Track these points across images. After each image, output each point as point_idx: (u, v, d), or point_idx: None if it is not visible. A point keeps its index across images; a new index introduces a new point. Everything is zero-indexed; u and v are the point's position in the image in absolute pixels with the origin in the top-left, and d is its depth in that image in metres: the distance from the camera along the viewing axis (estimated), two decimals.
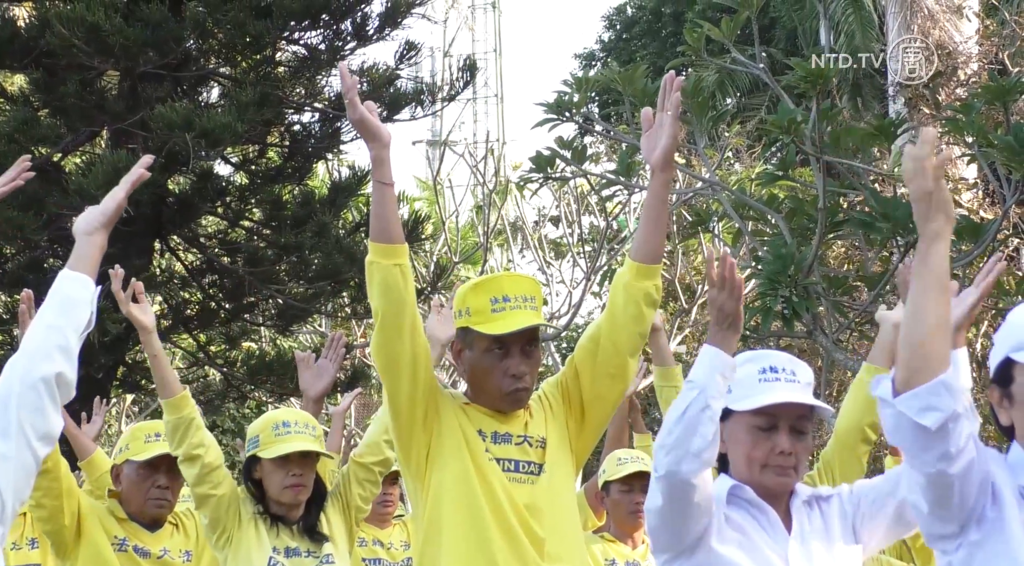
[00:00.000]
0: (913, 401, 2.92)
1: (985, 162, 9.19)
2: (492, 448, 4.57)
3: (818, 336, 9.54)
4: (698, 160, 14.98)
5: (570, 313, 19.23)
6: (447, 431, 4.54)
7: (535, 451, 4.62)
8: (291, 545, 5.43)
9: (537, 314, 4.59)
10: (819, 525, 3.84)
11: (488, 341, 4.52)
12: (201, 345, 13.74)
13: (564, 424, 4.70)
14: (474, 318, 4.55)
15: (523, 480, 4.58)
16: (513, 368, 4.53)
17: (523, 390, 4.58)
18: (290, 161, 13.08)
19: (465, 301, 4.59)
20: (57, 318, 3.42)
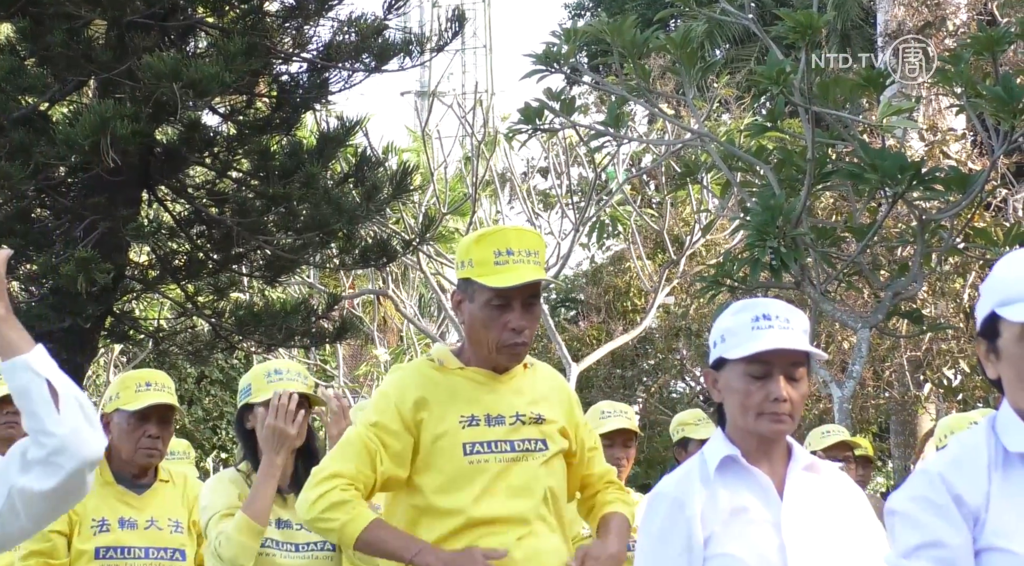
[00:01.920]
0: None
1: (974, 113, 9.19)
2: (486, 432, 4.57)
3: (806, 287, 9.56)
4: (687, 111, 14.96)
5: (558, 264, 19.23)
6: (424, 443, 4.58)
7: (529, 428, 4.63)
8: (283, 516, 5.38)
9: (540, 269, 4.57)
10: (819, 491, 3.83)
11: (489, 293, 4.51)
12: (189, 295, 13.71)
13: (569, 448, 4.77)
14: (476, 270, 4.53)
15: (519, 458, 4.60)
16: (513, 321, 4.53)
17: (521, 345, 4.58)
18: (278, 112, 13.02)
19: (469, 252, 4.57)
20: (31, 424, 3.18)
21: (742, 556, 3.67)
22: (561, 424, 4.70)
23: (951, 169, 9.85)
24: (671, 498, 3.77)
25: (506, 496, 4.55)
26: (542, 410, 4.67)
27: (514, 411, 4.61)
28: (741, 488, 3.77)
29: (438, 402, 4.58)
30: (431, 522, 4.56)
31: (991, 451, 3.08)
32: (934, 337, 15.82)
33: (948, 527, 3.00)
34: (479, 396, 4.61)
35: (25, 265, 12.30)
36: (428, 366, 4.67)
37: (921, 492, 3.06)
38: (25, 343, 3.17)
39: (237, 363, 26.38)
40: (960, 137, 14.52)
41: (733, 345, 3.77)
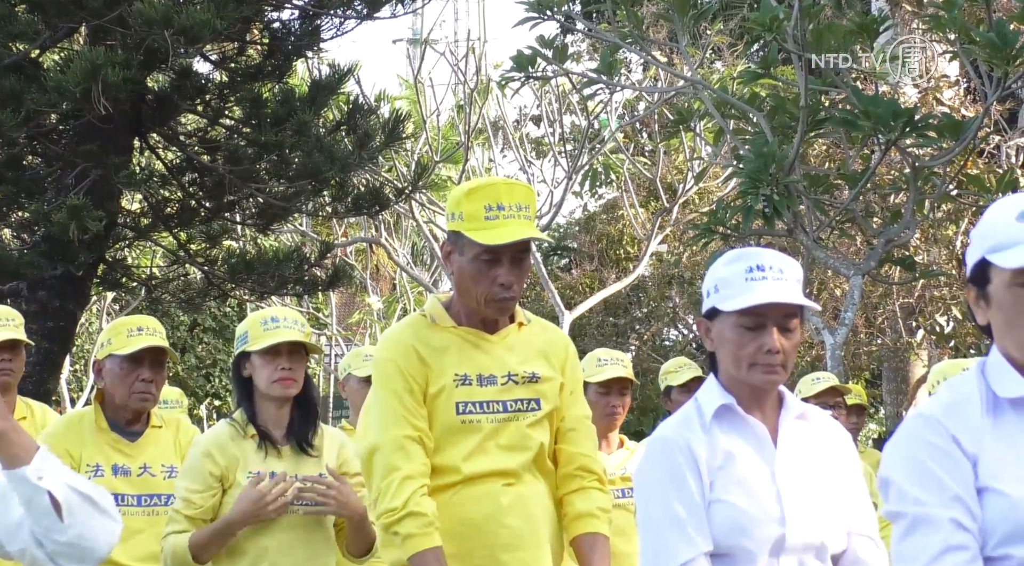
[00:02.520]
0: None
1: (967, 59, 9.18)
2: (477, 392, 4.57)
3: (799, 234, 9.56)
4: (680, 59, 14.92)
5: (551, 212, 19.23)
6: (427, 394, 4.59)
7: (522, 388, 4.62)
8: (276, 469, 5.37)
9: (530, 224, 4.54)
10: (811, 440, 3.83)
11: (478, 249, 4.48)
12: (181, 243, 13.72)
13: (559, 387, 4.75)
14: (466, 224, 4.51)
15: (511, 418, 4.59)
16: (502, 277, 4.50)
17: (509, 299, 4.56)
18: (269, 59, 13.00)
19: (459, 204, 4.55)
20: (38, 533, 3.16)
21: (739, 503, 3.68)
22: (559, 380, 4.70)
23: (944, 116, 9.85)
24: (678, 442, 3.77)
25: (497, 453, 4.56)
26: (536, 368, 4.65)
27: (506, 371, 4.60)
28: (736, 436, 3.78)
29: (435, 360, 4.57)
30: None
31: (982, 396, 3.08)
32: (926, 284, 15.84)
33: (953, 470, 3.01)
34: (472, 355, 4.60)
35: (17, 213, 12.29)
36: (422, 323, 4.66)
37: (922, 437, 3.06)
38: (26, 453, 3.13)
39: (230, 311, 26.40)
40: (953, 84, 14.49)
41: (726, 296, 3.77)
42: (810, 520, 3.72)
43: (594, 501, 4.68)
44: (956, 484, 3.00)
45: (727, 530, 3.69)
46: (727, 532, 3.69)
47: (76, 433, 5.84)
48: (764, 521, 3.69)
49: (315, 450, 5.45)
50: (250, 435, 5.39)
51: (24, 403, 6.81)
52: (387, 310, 26.00)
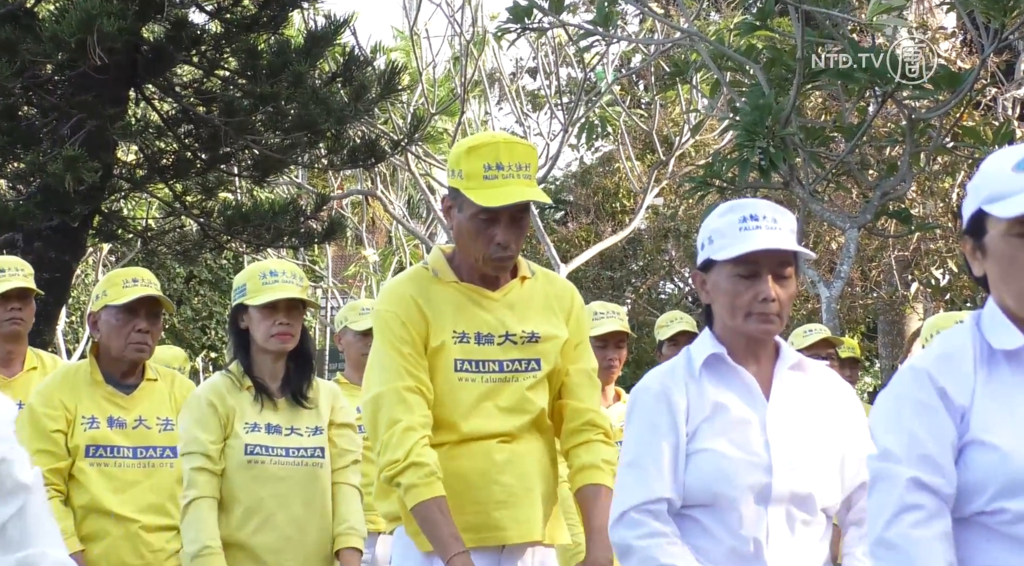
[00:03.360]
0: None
1: (964, 11, 9.16)
2: (475, 350, 4.56)
3: (795, 187, 9.56)
4: (676, 10, 14.89)
5: (547, 165, 19.21)
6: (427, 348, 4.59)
7: (521, 347, 4.60)
8: (272, 420, 5.38)
9: (530, 184, 4.52)
10: (807, 391, 3.83)
11: (476, 208, 4.47)
12: (177, 195, 13.71)
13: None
14: (466, 182, 4.49)
15: (510, 378, 4.57)
16: (499, 236, 4.48)
17: (507, 258, 4.56)
18: (265, 9, 12.95)
19: (459, 162, 4.54)
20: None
21: (726, 452, 3.70)
22: (563, 336, 4.68)
23: (941, 68, 9.82)
24: (656, 391, 3.79)
25: (496, 415, 4.55)
26: (537, 326, 4.64)
27: (504, 330, 4.58)
28: (725, 387, 3.79)
29: (435, 314, 4.56)
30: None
31: (976, 348, 3.09)
32: (922, 237, 15.86)
33: (930, 426, 3.02)
34: (471, 313, 4.58)
35: (12, 163, 12.28)
36: (424, 276, 4.65)
37: (907, 390, 3.07)
38: None
39: (226, 263, 26.40)
40: (950, 36, 14.46)
41: (721, 246, 3.77)
42: (799, 470, 3.72)
43: (599, 453, 4.66)
44: (930, 441, 3.01)
45: (711, 477, 3.70)
46: (711, 479, 3.70)
47: (71, 386, 5.86)
48: (750, 469, 3.70)
49: (310, 402, 5.49)
50: (246, 387, 5.42)
51: (35, 353, 6.84)
52: (383, 263, 26.00)
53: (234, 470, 5.34)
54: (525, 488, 4.57)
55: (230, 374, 5.47)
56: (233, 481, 5.34)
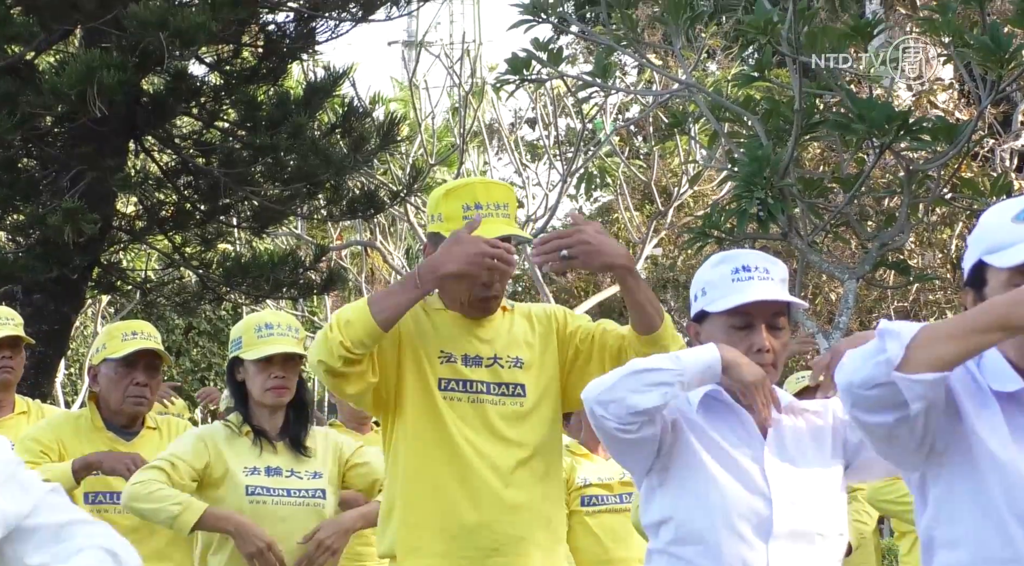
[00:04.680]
0: (915, 387, 2.89)
1: (961, 62, 9.18)
2: (463, 370, 4.56)
3: (793, 238, 9.56)
4: (675, 61, 14.92)
5: (546, 216, 19.23)
6: (408, 373, 4.55)
7: (508, 372, 4.60)
8: (272, 463, 5.41)
9: (509, 222, 4.56)
10: (803, 434, 3.84)
11: None
12: (176, 246, 13.72)
13: (558, 360, 4.68)
14: (445, 224, 4.54)
15: (497, 402, 4.58)
16: (483, 276, 4.51)
17: (492, 298, 4.58)
18: (265, 61, 13.00)
19: (438, 206, 4.59)
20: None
21: (726, 487, 3.70)
22: (546, 361, 4.66)
23: (938, 119, 9.84)
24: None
25: (487, 437, 4.54)
26: (521, 353, 4.64)
27: (492, 353, 4.60)
28: (722, 424, 3.80)
29: (421, 334, 4.58)
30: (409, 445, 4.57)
31: (974, 378, 3.10)
32: (921, 288, 15.86)
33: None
34: (458, 336, 4.60)
35: (12, 215, 12.29)
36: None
37: None
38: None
39: (225, 314, 26.37)
40: (947, 87, 14.51)
41: (714, 298, 3.80)
42: (799, 505, 3.72)
43: None
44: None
45: (710, 512, 3.69)
46: (710, 514, 3.69)
47: (73, 428, 5.90)
48: (750, 503, 3.70)
49: (308, 451, 5.49)
50: (245, 432, 5.44)
51: (23, 400, 6.87)
52: None
53: (236, 510, 5.34)
54: (518, 537, 4.54)
55: (229, 423, 5.49)
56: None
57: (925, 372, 2.88)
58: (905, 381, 2.89)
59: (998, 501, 2.99)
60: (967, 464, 3.03)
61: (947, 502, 3.06)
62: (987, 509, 3.00)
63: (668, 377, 3.61)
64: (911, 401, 2.90)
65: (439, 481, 4.51)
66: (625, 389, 3.60)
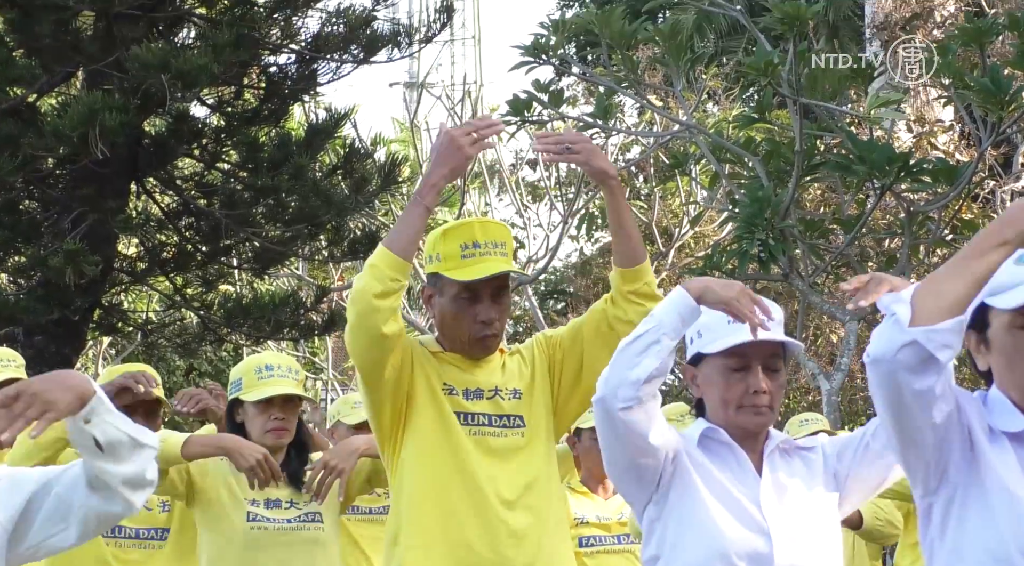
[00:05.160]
0: (937, 335, 2.89)
1: (961, 104, 9.22)
2: (464, 404, 4.58)
3: (794, 279, 9.57)
4: (675, 103, 14.96)
5: (547, 257, 19.23)
6: (419, 391, 4.55)
7: (509, 403, 4.62)
8: (272, 495, 5.41)
9: (507, 260, 4.60)
10: (797, 472, 3.85)
11: (458, 287, 4.53)
12: (178, 288, 13.72)
13: (550, 381, 4.70)
14: (444, 264, 4.56)
15: (498, 434, 4.59)
16: (482, 314, 4.55)
17: (492, 337, 4.60)
18: (266, 103, 13.04)
19: (435, 246, 4.62)
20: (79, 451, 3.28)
21: (725, 523, 3.70)
22: (540, 390, 4.69)
23: (939, 161, 9.87)
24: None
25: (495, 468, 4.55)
26: (519, 385, 4.67)
27: (493, 385, 4.62)
28: (720, 462, 3.81)
29: (427, 366, 4.60)
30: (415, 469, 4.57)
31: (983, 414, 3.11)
32: None
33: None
34: (459, 374, 4.62)
35: (13, 257, 12.29)
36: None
37: None
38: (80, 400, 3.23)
39: (226, 355, 26.33)
40: (948, 129, 14.52)
41: (710, 339, 3.81)
42: (799, 543, 3.73)
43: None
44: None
45: (710, 548, 3.70)
46: (711, 550, 3.70)
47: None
48: (750, 540, 3.70)
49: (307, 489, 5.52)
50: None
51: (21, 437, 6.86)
52: None
53: (235, 536, 5.36)
54: (525, 563, 4.54)
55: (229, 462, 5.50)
56: (233, 546, 5.37)
57: (938, 320, 2.89)
58: (923, 333, 2.89)
59: (1006, 536, 2.99)
60: (980, 498, 3.02)
61: (957, 533, 3.06)
62: (995, 543, 2.99)
63: (651, 336, 3.66)
64: (936, 352, 2.89)
65: (446, 506, 4.51)
66: (622, 368, 3.65)
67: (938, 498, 3.08)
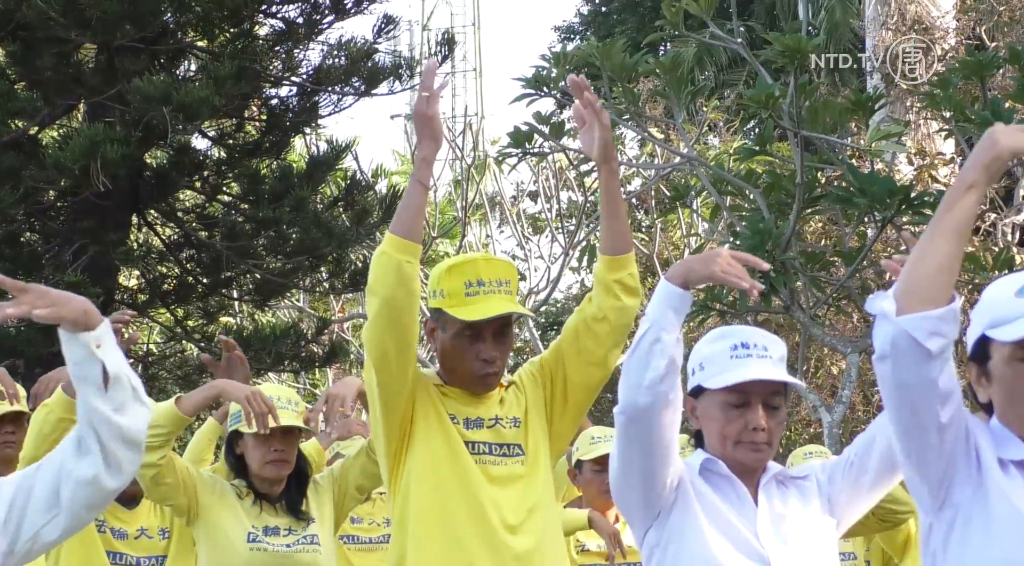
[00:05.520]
0: (922, 323, 2.91)
1: (962, 137, 9.22)
2: (465, 433, 4.58)
3: (795, 311, 9.56)
4: (676, 135, 14.97)
5: (548, 288, 19.23)
6: (423, 415, 4.56)
7: (509, 432, 4.63)
8: (271, 523, 5.43)
9: (511, 299, 4.60)
10: (793, 501, 3.86)
11: (460, 325, 4.53)
12: (179, 320, 13.72)
13: (543, 405, 4.71)
14: (448, 301, 4.56)
15: (499, 463, 4.60)
16: (484, 352, 4.55)
17: (493, 375, 4.60)
18: (268, 135, 13.07)
19: (440, 282, 4.61)
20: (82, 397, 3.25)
21: (724, 551, 3.70)
22: (536, 415, 4.70)
23: (940, 193, 9.86)
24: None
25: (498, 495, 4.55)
26: (518, 413, 4.68)
27: (493, 414, 4.63)
28: (719, 492, 3.83)
29: (426, 387, 4.62)
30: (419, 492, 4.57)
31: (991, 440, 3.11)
32: None
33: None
34: (460, 406, 4.63)
35: None
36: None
37: None
38: (91, 320, 3.23)
39: None
40: (949, 161, 14.53)
41: (711, 374, 3.82)
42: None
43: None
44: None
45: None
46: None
47: None
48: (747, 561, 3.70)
49: (306, 515, 5.57)
50: (246, 495, 5.50)
51: None
52: None
53: (236, 556, 5.39)
54: None
55: (236, 486, 5.56)
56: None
57: (922, 308, 2.92)
58: (909, 321, 2.91)
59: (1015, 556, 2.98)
60: (984, 521, 3.02)
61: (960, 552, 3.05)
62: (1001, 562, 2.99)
63: (650, 336, 3.70)
64: (924, 340, 2.91)
65: (451, 531, 4.51)
66: (634, 376, 3.69)
67: (940, 518, 3.08)
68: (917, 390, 2.98)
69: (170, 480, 5.33)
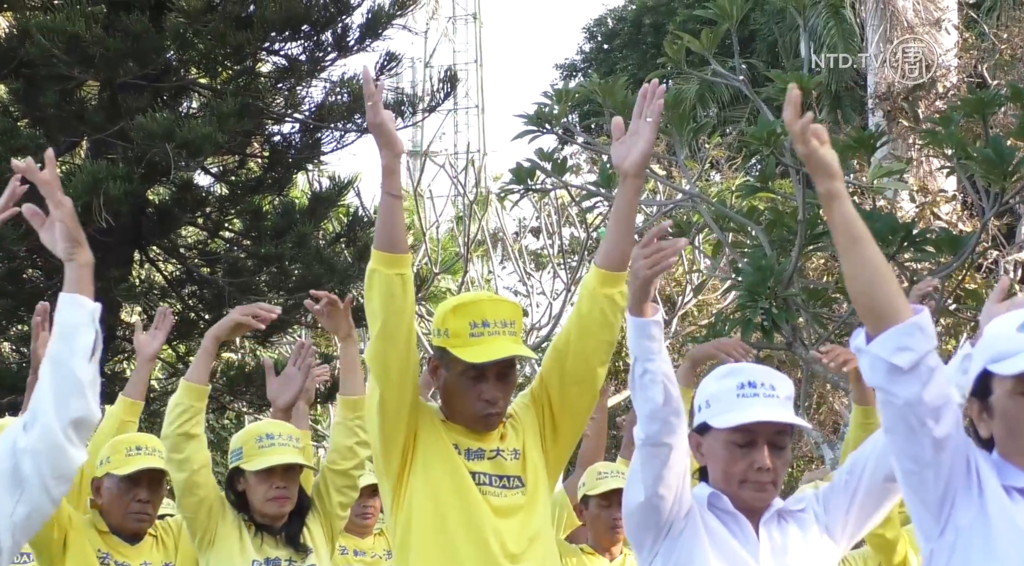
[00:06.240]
0: (886, 342, 3.06)
1: (964, 174, 9.22)
2: (467, 463, 4.59)
3: (797, 348, 9.55)
4: (678, 172, 15.01)
5: (550, 325, 19.22)
6: (426, 440, 4.57)
7: (511, 463, 4.64)
8: (271, 555, 5.43)
9: (516, 341, 4.60)
10: (793, 533, 3.87)
11: (464, 366, 4.54)
12: (180, 356, 13.71)
13: (537, 435, 4.72)
14: (452, 341, 4.56)
15: (499, 494, 4.60)
16: (487, 393, 4.56)
17: (495, 415, 4.61)
18: (270, 172, 13.09)
19: (445, 322, 4.61)
20: (60, 352, 3.34)
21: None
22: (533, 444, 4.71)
23: (942, 231, 9.88)
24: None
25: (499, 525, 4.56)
26: (518, 446, 4.69)
27: (494, 447, 4.63)
28: (723, 525, 3.83)
29: (429, 413, 4.65)
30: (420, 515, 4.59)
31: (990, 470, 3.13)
32: None
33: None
34: (460, 436, 4.64)
35: (16, 326, 12.29)
36: None
37: None
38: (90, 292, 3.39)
39: (228, 423, 26.31)
40: (951, 199, 14.55)
41: (718, 412, 3.81)
42: None
43: None
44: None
45: None
46: None
47: (88, 524, 5.89)
48: None
49: (304, 547, 5.58)
50: (248, 527, 5.54)
51: None
52: None
53: None
54: None
55: (240, 517, 5.54)
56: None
57: (884, 328, 3.10)
58: (876, 344, 3.10)
59: None
60: (986, 543, 3.02)
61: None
62: None
63: (637, 369, 3.78)
64: (891, 357, 3.07)
65: (453, 560, 4.52)
66: (640, 408, 3.78)
67: (942, 544, 3.09)
68: (905, 407, 3.05)
69: (202, 494, 5.35)
